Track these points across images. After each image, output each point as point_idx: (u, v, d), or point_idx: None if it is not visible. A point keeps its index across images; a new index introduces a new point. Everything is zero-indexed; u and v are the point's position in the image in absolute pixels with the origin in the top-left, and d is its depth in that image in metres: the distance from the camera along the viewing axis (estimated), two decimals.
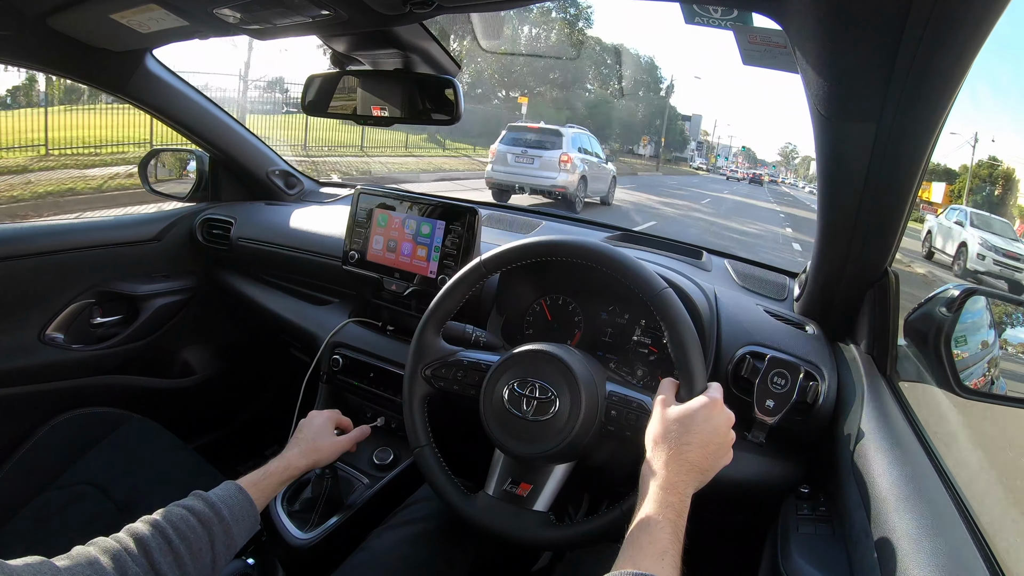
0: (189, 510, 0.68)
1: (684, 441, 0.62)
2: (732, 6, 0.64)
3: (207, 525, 0.68)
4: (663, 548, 0.54)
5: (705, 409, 0.65)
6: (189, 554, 0.64)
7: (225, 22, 0.90)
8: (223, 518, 0.69)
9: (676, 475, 0.60)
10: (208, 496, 0.71)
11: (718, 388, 0.69)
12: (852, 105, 0.62)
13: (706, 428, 0.63)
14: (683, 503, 0.59)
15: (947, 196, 17.91)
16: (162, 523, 0.65)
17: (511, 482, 0.79)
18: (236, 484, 0.75)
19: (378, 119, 1.06)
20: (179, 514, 0.67)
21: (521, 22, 26.34)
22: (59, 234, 1.32)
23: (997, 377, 0.86)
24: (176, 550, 0.63)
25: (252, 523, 0.74)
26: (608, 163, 10.36)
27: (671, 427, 0.64)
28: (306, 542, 0.96)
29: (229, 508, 0.71)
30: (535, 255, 0.81)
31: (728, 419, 0.66)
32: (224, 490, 0.73)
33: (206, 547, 0.66)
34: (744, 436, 0.81)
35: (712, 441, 0.63)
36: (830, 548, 0.68)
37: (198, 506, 0.69)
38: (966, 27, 0.49)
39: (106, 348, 1.37)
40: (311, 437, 0.91)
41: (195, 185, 1.58)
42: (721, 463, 0.65)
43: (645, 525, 0.56)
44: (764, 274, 1.26)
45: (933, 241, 9.61)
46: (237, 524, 0.71)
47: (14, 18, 0.98)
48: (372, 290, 1.26)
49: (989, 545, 0.55)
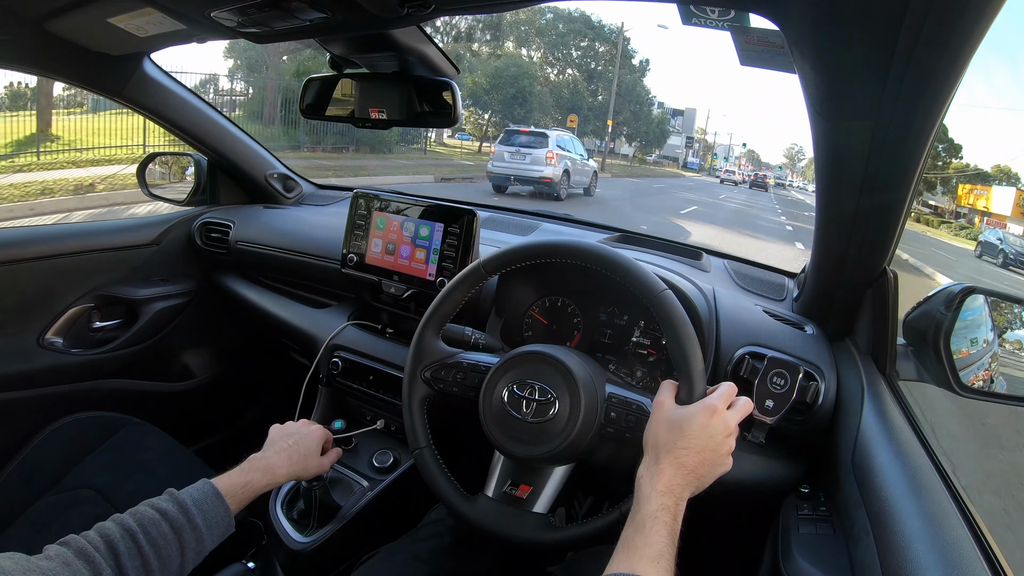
0: (162, 514, 0.66)
1: (681, 446, 0.62)
2: (729, 7, 0.64)
3: (179, 532, 0.66)
4: (658, 551, 0.54)
5: (703, 415, 0.64)
6: (157, 560, 0.63)
7: (222, 26, 0.90)
8: (196, 525, 0.68)
9: (672, 479, 0.60)
10: (182, 499, 0.69)
11: (722, 394, 0.67)
12: (849, 104, 0.62)
13: (703, 434, 0.63)
14: (679, 507, 0.59)
15: (1019, 206, 14.45)
16: (133, 526, 0.63)
17: (511, 484, 0.79)
18: (213, 487, 0.73)
19: (376, 121, 1.06)
20: (151, 517, 0.65)
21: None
22: (58, 238, 1.32)
23: (996, 375, 0.86)
24: (145, 555, 0.62)
25: (225, 529, 0.72)
26: (589, 160, 12.70)
27: (668, 431, 0.64)
28: (306, 546, 0.96)
29: (203, 514, 0.69)
30: (535, 257, 0.81)
31: (725, 428, 0.65)
32: (200, 493, 0.71)
33: (175, 554, 0.65)
34: (744, 436, 0.81)
35: (708, 447, 0.63)
36: (831, 548, 0.68)
37: (171, 511, 0.67)
38: (963, 25, 0.49)
39: (105, 352, 1.37)
40: (303, 453, 0.89)
41: (193, 189, 1.58)
42: (718, 470, 0.64)
43: (640, 527, 0.56)
44: (763, 274, 1.26)
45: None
46: (210, 531, 0.69)
47: (11, 22, 0.98)
48: (371, 293, 1.26)
49: (989, 543, 0.55)
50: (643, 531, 0.56)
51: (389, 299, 1.22)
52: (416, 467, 0.83)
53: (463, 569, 0.87)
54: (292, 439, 0.90)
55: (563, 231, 1.51)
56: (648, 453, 0.64)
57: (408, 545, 0.89)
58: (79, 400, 1.30)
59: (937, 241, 14.52)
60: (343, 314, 1.30)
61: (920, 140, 0.64)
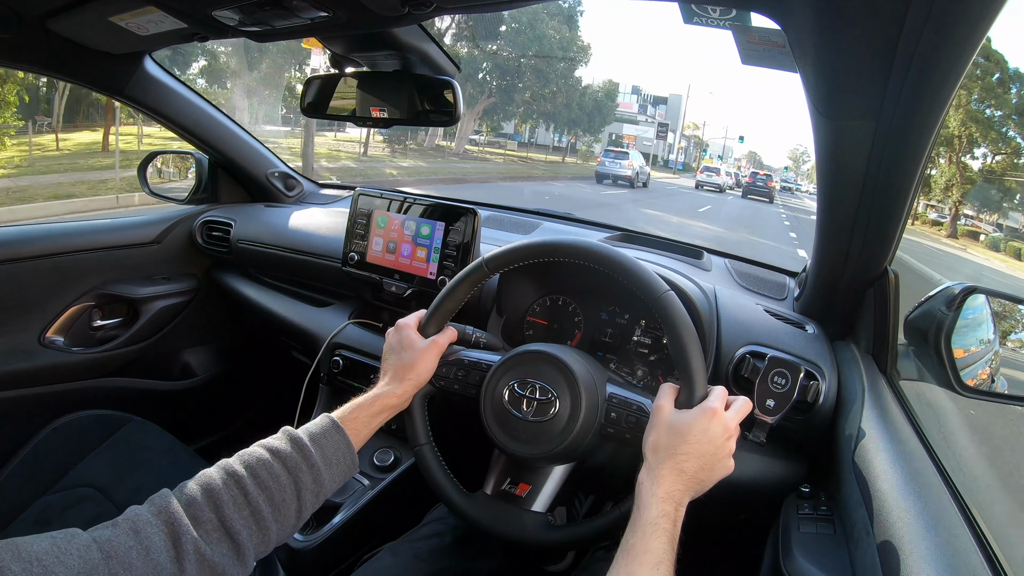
0: (274, 454, 0.58)
1: (681, 451, 0.62)
2: (731, 6, 0.64)
3: (294, 472, 0.58)
4: (659, 558, 0.55)
5: (703, 420, 0.64)
6: (270, 507, 0.55)
7: (224, 24, 0.90)
8: (313, 463, 0.59)
9: (672, 485, 0.60)
10: (297, 435, 0.61)
11: (719, 396, 0.67)
12: (851, 103, 0.62)
13: (703, 439, 0.63)
14: (678, 513, 0.59)
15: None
16: (239, 471, 0.55)
17: (510, 482, 0.79)
18: (331, 418, 0.65)
19: (377, 120, 1.06)
20: (261, 458, 0.57)
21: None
22: (59, 237, 1.32)
23: (997, 375, 0.86)
24: (253, 503, 0.54)
25: (349, 467, 0.64)
26: (646, 165, 20.79)
27: (668, 436, 0.63)
28: (306, 544, 0.96)
29: (321, 450, 0.61)
30: (538, 255, 0.81)
31: (725, 430, 0.65)
32: (318, 427, 0.63)
33: (291, 498, 0.57)
34: (745, 436, 0.81)
35: (708, 452, 0.63)
36: (831, 547, 0.68)
37: (284, 449, 0.59)
38: (965, 24, 0.49)
39: (106, 351, 1.37)
40: (394, 359, 0.77)
41: (194, 187, 1.58)
42: (718, 475, 0.64)
43: (641, 534, 0.57)
44: (764, 273, 1.26)
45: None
46: (330, 469, 0.61)
47: (13, 21, 0.98)
48: (372, 291, 1.26)
49: (989, 543, 0.55)
50: (643, 537, 0.56)
51: (390, 298, 1.22)
52: (417, 465, 0.83)
53: (464, 569, 0.87)
54: (384, 357, 0.80)
55: (564, 230, 1.51)
56: (648, 458, 0.64)
57: (409, 544, 0.89)
58: (80, 398, 1.30)
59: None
60: (344, 313, 1.30)
61: (922, 140, 0.64)
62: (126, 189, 6.85)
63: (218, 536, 0.51)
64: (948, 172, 20.15)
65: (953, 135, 19.11)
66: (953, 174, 19.96)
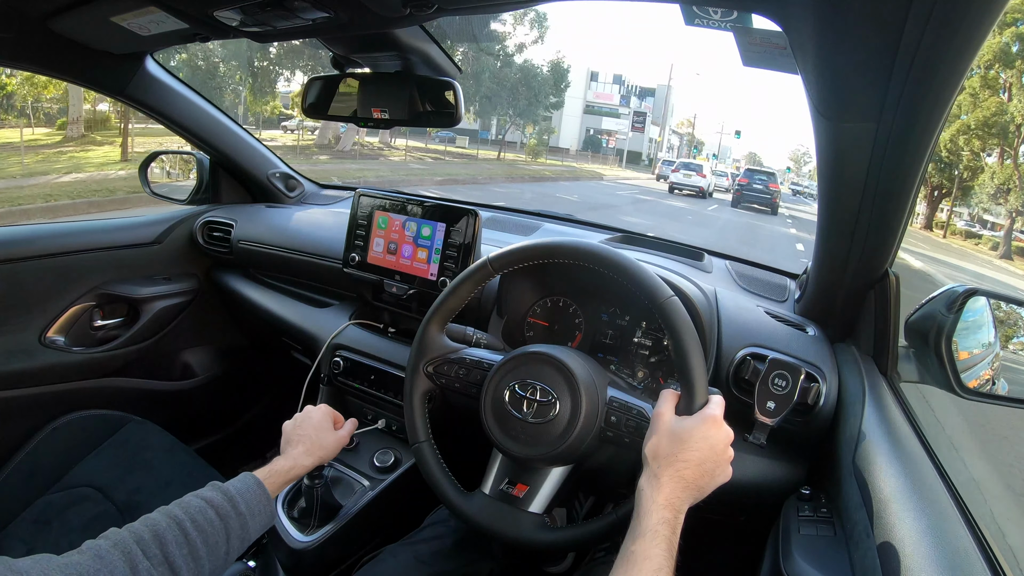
0: (208, 502, 0.67)
1: (681, 459, 0.62)
2: (732, 7, 0.64)
3: (225, 518, 0.67)
4: (658, 564, 0.55)
5: (704, 427, 0.64)
6: (205, 547, 0.64)
7: (225, 25, 0.90)
8: (240, 511, 0.69)
9: (673, 492, 0.60)
10: (226, 488, 0.70)
11: (718, 403, 0.68)
12: (852, 105, 0.62)
13: (703, 446, 0.63)
14: (678, 519, 0.60)
15: None
16: (180, 515, 0.64)
17: (508, 482, 0.79)
18: (254, 476, 0.74)
19: (378, 121, 1.06)
20: (197, 506, 0.66)
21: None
22: (60, 236, 1.32)
23: (998, 377, 0.86)
24: (192, 543, 0.63)
25: (267, 518, 0.73)
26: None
27: (668, 443, 0.64)
28: (307, 545, 0.96)
29: (246, 501, 0.70)
30: (541, 256, 0.81)
31: (726, 437, 0.65)
32: (242, 482, 0.73)
33: (222, 540, 0.66)
34: (745, 438, 0.81)
35: (709, 459, 0.63)
36: (831, 549, 0.68)
37: (216, 498, 0.68)
38: (965, 27, 0.49)
39: (107, 351, 1.37)
40: (313, 435, 0.88)
41: (195, 188, 1.58)
42: (718, 481, 0.64)
43: (641, 541, 0.57)
44: (765, 275, 1.26)
45: None
46: (253, 518, 0.70)
47: (14, 20, 0.98)
48: (373, 292, 1.26)
49: (990, 545, 0.55)
50: (643, 544, 0.56)
51: (391, 299, 1.22)
52: (416, 465, 0.83)
53: (464, 571, 0.87)
54: (300, 426, 0.90)
55: (565, 231, 1.51)
56: (648, 465, 0.64)
57: (409, 546, 0.89)
58: (80, 398, 1.30)
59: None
60: (344, 313, 1.30)
61: (923, 142, 0.64)
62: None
63: (162, 570, 0.60)
64: (1002, 173, 15.51)
65: (1010, 121, 13.82)
66: (1009, 175, 15.12)
